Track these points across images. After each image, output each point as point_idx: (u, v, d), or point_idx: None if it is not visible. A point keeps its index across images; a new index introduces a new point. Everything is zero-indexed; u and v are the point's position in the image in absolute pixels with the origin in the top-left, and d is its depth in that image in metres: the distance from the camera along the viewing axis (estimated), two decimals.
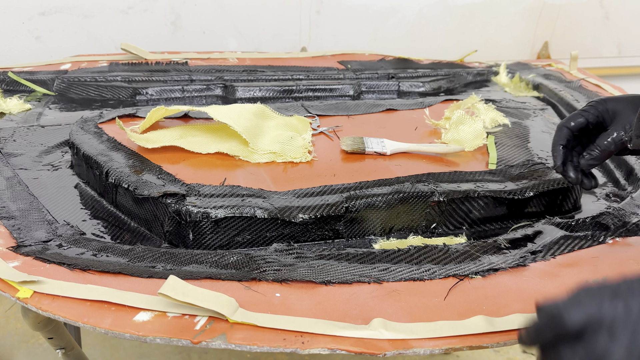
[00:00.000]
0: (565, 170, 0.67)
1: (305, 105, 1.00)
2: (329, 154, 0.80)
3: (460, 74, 1.39)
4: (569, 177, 0.67)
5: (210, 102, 1.12)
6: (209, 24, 1.71)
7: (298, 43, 1.86)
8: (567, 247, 0.63)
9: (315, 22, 1.83)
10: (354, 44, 1.92)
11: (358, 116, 0.96)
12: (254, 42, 1.78)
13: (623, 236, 0.66)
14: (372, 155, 0.80)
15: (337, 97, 1.16)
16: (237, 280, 0.53)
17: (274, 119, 0.84)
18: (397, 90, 1.25)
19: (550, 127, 0.92)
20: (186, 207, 0.62)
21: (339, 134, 0.87)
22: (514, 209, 0.74)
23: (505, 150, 0.84)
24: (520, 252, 0.62)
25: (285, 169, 0.75)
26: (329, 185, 0.70)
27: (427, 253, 0.60)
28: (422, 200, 0.70)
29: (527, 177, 0.76)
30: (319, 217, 0.65)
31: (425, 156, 0.81)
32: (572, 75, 1.36)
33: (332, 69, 1.30)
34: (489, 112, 0.91)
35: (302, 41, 1.86)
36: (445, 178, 0.74)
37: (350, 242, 0.69)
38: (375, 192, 0.69)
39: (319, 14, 1.83)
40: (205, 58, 1.28)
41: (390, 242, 0.68)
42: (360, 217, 0.68)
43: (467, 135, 0.85)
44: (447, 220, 0.72)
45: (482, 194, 0.72)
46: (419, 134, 0.90)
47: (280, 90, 1.13)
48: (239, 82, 1.16)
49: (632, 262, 0.59)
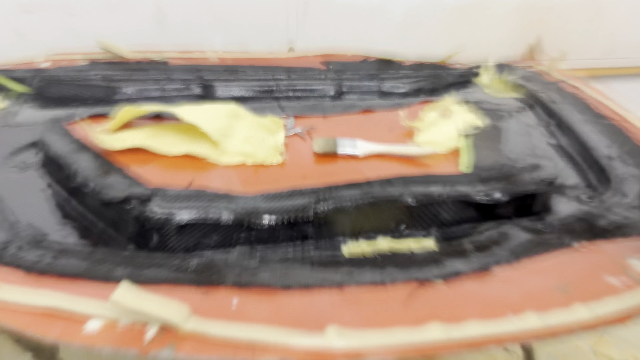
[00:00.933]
0: None
1: (282, 105, 0.99)
2: (301, 156, 0.79)
3: (442, 75, 1.38)
4: None
5: (190, 102, 1.11)
6: (194, 21, 1.69)
7: (285, 41, 1.84)
8: (533, 252, 0.63)
9: (303, 21, 1.82)
10: (342, 43, 1.91)
11: (334, 117, 0.96)
12: (240, 39, 1.77)
13: (590, 240, 0.66)
14: (344, 157, 0.79)
15: (317, 98, 1.16)
16: (196, 285, 0.52)
17: (246, 119, 0.84)
18: (378, 91, 1.25)
19: (525, 130, 0.92)
20: (149, 211, 0.61)
21: (313, 135, 0.87)
22: (483, 212, 0.74)
23: (477, 152, 0.83)
24: (486, 256, 0.62)
25: (256, 171, 0.75)
26: (298, 189, 0.69)
27: (391, 257, 0.60)
28: (391, 203, 0.70)
29: (498, 179, 0.76)
30: (287, 220, 0.65)
31: (398, 158, 0.81)
32: (552, 76, 1.36)
33: (313, 69, 1.29)
34: (464, 114, 0.90)
35: (289, 39, 1.85)
36: (415, 181, 0.74)
37: (319, 244, 0.68)
38: (344, 195, 0.69)
39: (306, 12, 1.81)
40: (186, 57, 1.27)
41: (359, 243, 0.68)
42: (328, 219, 0.68)
43: (440, 137, 0.85)
44: (417, 222, 0.72)
45: (451, 197, 0.71)
46: (394, 135, 0.90)
47: (260, 90, 1.13)
48: (219, 81, 1.15)
49: (597, 269, 0.59)
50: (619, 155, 0.90)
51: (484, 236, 0.65)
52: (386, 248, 0.67)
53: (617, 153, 0.91)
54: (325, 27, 1.83)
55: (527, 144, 0.87)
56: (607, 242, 0.66)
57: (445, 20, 1.97)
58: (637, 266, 0.59)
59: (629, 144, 0.95)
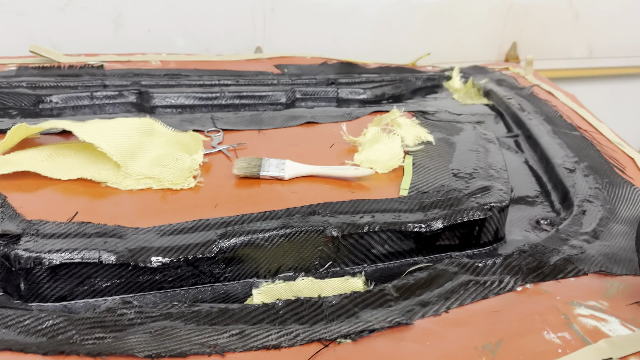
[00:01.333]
0: None
1: (215, 117, 0.90)
2: (219, 178, 0.70)
3: (409, 79, 1.29)
4: None
5: (124, 110, 1.02)
6: (154, 22, 1.60)
7: (252, 43, 1.75)
8: (466, 297, 0.54)
9: (270, 21, 1.73)
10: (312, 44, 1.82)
11: (271, 131, 0.86)
12: (204, 41, 1.68)
13: (537, 281, 0.57)
14: (268, 180, 0.70)
15: (267, 105, 1.06)
16: (42, 354, 0.43)
17: (162, 135, 0.74)
18: (335, 97, 1.16)
19: (482, 145, 0.83)
20: (15, 252, 0.52)
21: (240, 152, 0.77)
22: (423, 243, 0.65)
23: (422, 173, 0.74)
24: (409, 304, 0.53)
25: (164, 198, 0.65)
26: (204, 220, 0.60)
27: (296, 309, 0.50)
28: (313, 236, 0.61)
29: (441, 205, 0.67)
30: (183, 259, 0.56)
31: (331, 180, 0.72)
32: (526, 81, 1.27)
33: (266, 73, 1.20)
34: (412, 129, 0.81)
35: (256, 41, 1.76)
36: (344, 209, 0.65)
37: (228, 286, 0.59)
38: (257, 227, 0.60)
39: (274, 12, 1.72)
40: (125, 61, 1.17)
41: (275, 285, 0.58)
42: (238, 257, 0.58)
43: (382, 155, 0.75)
44: (345, 257, 0.63)
45: (384, 227, 0.62)
46: (335, 152, 0.81)
47: (201, 97, 1.03)
48: (157, 87, 1.06)
49: (536, 319, 0.50)
50: (584, 174, 0.81)
51: (412, 278, 0.56)
52: (306, 290, 0.58)
53: (582, 171, 0.82)
54: (294, 28, 1.75)
55: (482, 162, 0.77)
56: (556, 284, 0.57)
57: (420, 20, 1.88)
58: (583, 319, 0.50)
59: (596, 159, 0.86)
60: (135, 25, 1.58)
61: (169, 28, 1.62)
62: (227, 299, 0.58)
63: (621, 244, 0.65)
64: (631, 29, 2.09)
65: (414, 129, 0.81)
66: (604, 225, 0.69)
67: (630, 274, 0.59)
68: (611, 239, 0.66)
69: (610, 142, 0.93)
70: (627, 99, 2.28)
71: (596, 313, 0.51)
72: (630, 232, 0.68)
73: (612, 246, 0.65)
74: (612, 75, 2.15)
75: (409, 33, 1.89)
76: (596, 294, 0.55)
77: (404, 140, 0.80)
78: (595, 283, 0.57)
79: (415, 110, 0.98)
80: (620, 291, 0.56)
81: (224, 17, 1.66)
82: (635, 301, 0.54)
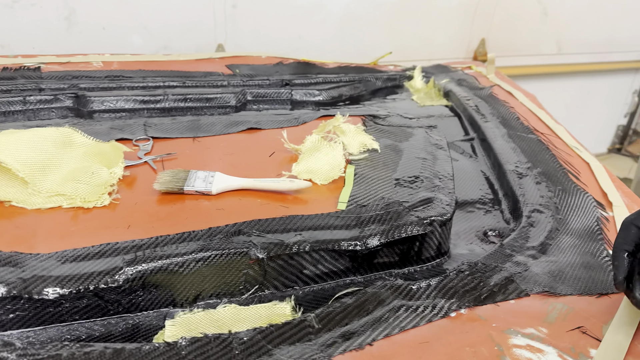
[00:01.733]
0: (630, 288, 0.48)
1: (148, 123, 0.84)
2: (139, 194, 0.64)
3: (368, 79, 1.24)
4: (635, 297, 0.48)
5: (60, 115, 0.96)
6: (109, 19, 1.52)
7: (213, 40, 1.69)
8: (395, 326, 0.49)
9: (232, 18, 1.66)
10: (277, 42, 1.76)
11: (208, 138, 0.81)
12: (163, 39, 1.61)
13: (473, 305, 0.53)
14: (193, 195, 0.65)
15: (215, 108, 1.01)
16: None
17: (81, 147, 0.68)
18: (289, 99, 1.10)
19: (431, 152, 0.79)
20: None
21: (169, 164, 0.72)
22: (359, 261, 0.61)
23: (363, 184, 0.70)
24: (332, 337, 0.48)
25: (74, 217, 0.60)
26: (112, 244, 0.54)
27: (201, 348, 0.45)
28: (236, 258, 0.56)
29: (378, 220, 0.62)
30: (84, 290, 0.50)
31: (265, 194, 0.67)
32: (487, 81, 1.23)
33: (216, 74, 1.14)
34: (357, 136, 0.76)
35: (217, 38, 1.69)
36: (273, 227, 0.60)
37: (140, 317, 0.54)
38: (171, 251, 0.54)
39: (236, 8, 1.66)
40: (65, 62, 1.10)
41: (193, 314, 0.53)
42: (149, 285, 0.53)
43: (322, 165, 0.71)
44: (274, 280, 0.58)
45: (315, 246, 0.58)
46: (275, 161, 0.76)
47: (142, 100, 0.97)
48: (95, 91, 0.99)
49: (467, 351, 0.46)
50: (537, 180, 0.77)
51: (339, 305, 0.51)
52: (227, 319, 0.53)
53: (534, 178, 0.78)
54: (257, 25, 1.69)
55: (427, 170, 0.73)
56: (494, 308, 0.52)
57: (386, 17, 1.83)
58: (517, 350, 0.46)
59: (551, 164, 0.82)
60: (88, 23, 1.51)
61: (124, 25, 1.55)
62: (138, 332, 0.52)
63: (569, 260, 0.61)
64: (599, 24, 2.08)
65: (359, 136, 0.76)
66: (553, 238, 0.65)
67: (576, 293, 0.55)
68: (559, 254, 0.63)
69: (566, 145, 0.90)
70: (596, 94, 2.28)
71: (533, 342, 0.47)
72: (580, 245, 0.64)
73: (559, 262, 0.61)
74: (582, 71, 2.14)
75: (375, 30, 1.85)
76: (536, 319, 0.51)
77: (348, 148, 0.75)
78: (536, 306, 0.53)
79: (365, 114, 0.93)
80: (562, 314, 0.52)
81: (183, 14, 1.59)
82: (576, 327, 0.50)
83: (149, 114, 0.95)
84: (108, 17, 1.54)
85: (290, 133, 0.84)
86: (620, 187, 0.78)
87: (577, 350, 0.47)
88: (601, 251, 0.63)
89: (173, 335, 0.50)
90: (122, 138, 0.78)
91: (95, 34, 1.57)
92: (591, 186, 0.78)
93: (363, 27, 1.85)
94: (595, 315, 0.52)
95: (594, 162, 0.83)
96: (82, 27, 1.53)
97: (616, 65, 2.21)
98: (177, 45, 1.67)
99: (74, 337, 0.51)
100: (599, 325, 0.51)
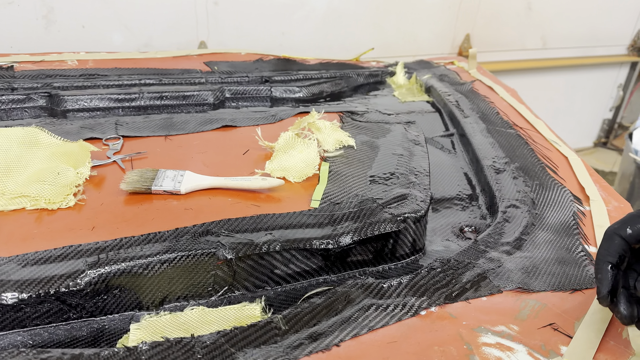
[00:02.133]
0: (614, 302, 0.45)
1: (120, 122, 0.82)
2: (105, 195, 0.62)
3: (350, 75, 1.23)
4: (620, 312, 0.45)
5: (33, 115, 0.93)
6: (88, 17, 1.50)
7: (195, 38, 1.67)
8: (364, 326, 0.48)
9: (214, 14, 1.65)
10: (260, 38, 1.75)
11: (179, 136, 0.79)
12: (144, 37, 1.59)
13: (444, 303, 0.52)
14: (162, 195, 0.63)
15: (192, 106, 0.99)
16: None
17: (48, 147, 0.66)
18: (269, 96, 1.09)
19: (408, 147, 0.78)
20: None
21: (139, 163, 0.70)
22: (332, 260, 0.59)
23: (338, 181, 0.68)
24: (298, 339, 0.47)
25: (38, 219, 0.58)
26: (75, 246, 0.53)
27: (162, 352, 0.44)
28: (204, 259, 0.54)
29: (351, 218, 0.61)
30: (44, 294, 0.49)
31: (236, 193, 0.65)
32: (469, 76, 1.23)
33: (193, 71, 1.12)
34: (332, 132, 0.75)
35: (199, 36, 1.68)
36: (243, 226, 0.58)
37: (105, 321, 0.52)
38: (135, 253, 0.53)
39: (218, 4, 1.64)
40: (39, 61, 1.08)
41: (159, 317, 0.52)
42: (113, 288, 0.52)
43: (296, 162, 0.69)
44: (245, 281, 0.57)
45: (285, 246, 0.56)
46: (249, 159, 0.74)
47: (117, 99, 0.95)
48: (70, 89, 0.97)
49: (435, 351, 0.45)
50: (514, 175, 0.77)
51: (308, 305, 0.50)
52: (195, 322, 0.52)
53: (512, 173, 0.77)
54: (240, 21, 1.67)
55: (403, 167, 0.72)
56: (465, 305, 0.52)
57: (370, 13, 1.82)
58: (487, 348, 0.46)
59: (529, 159, 0.82)
60: (67, 22, 1.48)
61: (104, 24, 1.52)
62: (102, 336, 0.51)
63: (544, 255, 0.61)
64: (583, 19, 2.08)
65: (335, 133, 0.75)
66: (528, 234, 0.65)
67: (549, 289, 0.55)
68: (534, 249, 0.62)
69: (545, 140, 0.89)
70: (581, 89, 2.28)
71: (503, 341, 0.47)
72: (556, 240, 0.64)
73: (533, 258, 0.60)
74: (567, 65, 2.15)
75: (359, 27, 1.84)
76: (508, 317, 0.50)
77: (323, 145, 0.74)
78: (509, 303, 0.52)
79: (343, 110, 0.92)
80: (534, 311, 0.51)
81: (164, 11, 1.57)
82: (548, 324, 0.49)
83: (124, 113, 0.94)
84: (87, 15, 1.52)
85: (266, 130, 0.83)
86: (598, 181, 0.78)
87: (548, 347, 0.46)
88: (577, 246, 0.63)
89: (138, 340, 0.49)
90: (92, 137, 0.76)
91: (74, 33, 1.54)
92: (569, 180, 0.77)
93: (347, 24, 1.84)
94: (568, 312, 0.51)
95: (572, 157, 0.83)
96: (60, 25, 1.51)
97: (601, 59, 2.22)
98: (159, 43, 1.65)
99: (36, 343, 0.50)
100: (571, 322, 0.50)
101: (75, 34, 1.57)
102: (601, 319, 0.50)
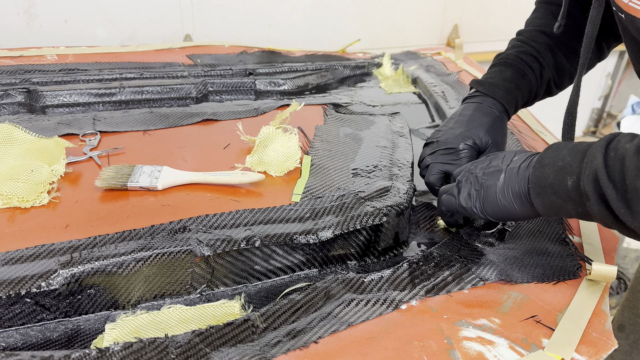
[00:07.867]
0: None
1: (98, 117, 0.80)
2: (81, 192, 0.61)
3: (336, 67, 1.22)
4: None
5: (11, 112, 0.91)
6: (71, 11, 1.47)
7: (180, 31, 1.65)
8: (343, 322, 0.47)
9: (199, 7, 1.62)
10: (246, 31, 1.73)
11: (158, 131, 0.78)
12: (127, 30, 1.56)
13: (425, 296, 0.51)
14: (138, 191, 0.62)
15: (174, 100, 0.97)
16: None
17: (23, 144, 0.65)
18: (253, 89, 1.07)
19: (391, 139, 0.76)
20: None
21: (116, 159, 0.69)
22: (314, 254, 0.58)
23: (320, 175, 0.67)
24: (276, 336, 0.46)
25: (11, 218, 0.56)
26: (47, 245, 0.52)
27: (134, 353, 0.43)
28: (180, 257, 0.53)
29: (333, 212, 0.60)
30: (15, 295, 0.47)
31: (215, 188, 0.64)
32: (455, 66, 1.21)
33: (175, 64, 1.10)
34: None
35: (184, 29, 1.65)
36: (221, 222, 0.57)
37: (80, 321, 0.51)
38: (109, 252, 0.51)
39: None
40: (17, 56, 1.06)
41: (135, 316, 0.51)
42: (87, 287, 0.50)
43: (277, 156, 0.68)
44: (224, 278, 0.56)
45: (265, 242, 0.55)
46: (230, 154, 0.73)
47: (97, 93, 0.93)
48: (48, 85, 0.95)
49: (415, 346, 0.44)
50: None
51: (287, 302, 0.49)
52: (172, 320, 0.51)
53: None
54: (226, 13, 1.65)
55: (386, 159, 0.71)
56: (447, 298, 0.51)
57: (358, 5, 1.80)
58: (468, 342, 0.45)
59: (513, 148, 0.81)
60: (49, 16, 1.45)
61: (87, 17, 1.50)
62: (77, 337, 0.50)
63: (527, 246, 0.60)
64: None
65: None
66: (511, 225, 0.64)
67: (532, 281, 0.54)
68: (517, 240, 0.61)
69: (531, 129, 0.89)
70: None
71: (484, 334, 0.46)
72: (539, 230, 0.63)
73: (517, 249, 0.59)
74: None
75: (346, 18, 1.82)
76: (489, 309, 0.49)
77: None
78: (491, 295, 0.52)
79: (327, 102, 0.90)
80: (517, 303, 0.51)
81: (149, 4, 1.55)
82: (530, 316, 0.49)
83: (104, 108, 0.92)
84: (69, 9, 1.49)
85: (249, 124, 0.81)
86: None
87: (530, 340, 0.46)
88: (560, 237, 0.62)
89: (113, 340, 0.47)
90: (69, 133, 0.74)
91: (57, 27, 1.51)
92: None
93: (334, 15, 1.82)
94: (551, 303, 0.51)
95: None
96: (42, 20, 1.48)
97: None
98: (143, 37, 1.63)
99: (8, 345, 0.48)
100: (554, 314, 0.49)
101: (58, 29, 1.54)
102: (584, 310, 0.49)
